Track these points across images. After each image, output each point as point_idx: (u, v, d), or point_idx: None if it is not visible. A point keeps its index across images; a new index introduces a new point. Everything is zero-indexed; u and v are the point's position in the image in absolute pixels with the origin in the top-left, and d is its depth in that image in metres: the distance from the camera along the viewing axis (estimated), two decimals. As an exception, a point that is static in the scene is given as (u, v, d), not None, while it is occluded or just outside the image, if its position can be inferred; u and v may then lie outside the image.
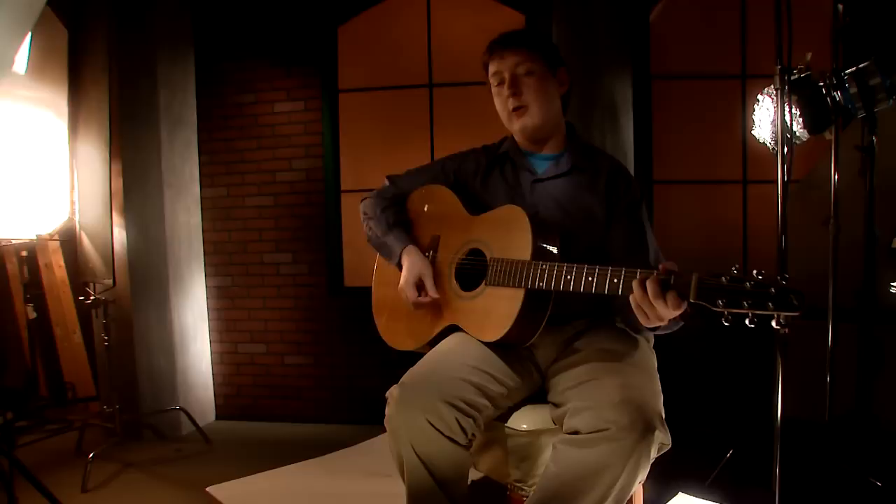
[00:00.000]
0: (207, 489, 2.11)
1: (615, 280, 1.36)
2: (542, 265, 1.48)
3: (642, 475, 1.37)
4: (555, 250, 1.57)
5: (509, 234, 1.60)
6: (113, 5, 3.39)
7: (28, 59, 3.25)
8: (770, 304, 1.16)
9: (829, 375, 2.70)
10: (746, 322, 1.21)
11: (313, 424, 3.81)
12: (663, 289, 1.26)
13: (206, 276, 4.02)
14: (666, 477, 2.06)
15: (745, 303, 1.18)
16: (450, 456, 1.46)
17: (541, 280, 1.48)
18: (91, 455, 3.07)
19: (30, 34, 1.95)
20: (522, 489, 1.56)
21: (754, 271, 1.21)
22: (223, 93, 3.92)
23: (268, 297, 3.96)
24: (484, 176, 1.83)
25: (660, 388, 1.53)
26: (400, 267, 1.76)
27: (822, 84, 2.31)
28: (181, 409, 3.64)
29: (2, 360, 3.74)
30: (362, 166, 3.89)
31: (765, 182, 3.63)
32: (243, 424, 3.92)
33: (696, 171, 3.71)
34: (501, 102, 1.75)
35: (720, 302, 1.20)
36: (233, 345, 4.02)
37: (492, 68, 1.76)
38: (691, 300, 1.25)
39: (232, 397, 4.03)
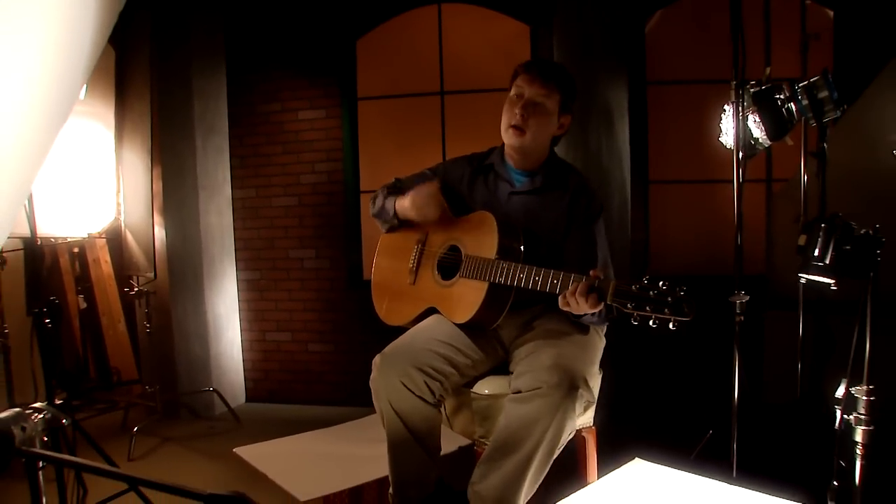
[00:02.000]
0: (234, 450, 2.50)
1: (555, 281, 1.72)
2: (502, 264, 1.84)
3: (570, 425, 1.72)
4: (519, 250, 1.92)
5: (481, 236, 1.96)
6: (154, 26, 3.82)
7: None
8: (666, 310, 1.51)
9: (800, 363, 3.01)
10: (650, 323, 1.55)
11: (334, 406, 4.19)
12: (588, 291, 1.62)
13: (236, 270, 4.44)
14: (642, 452, 2.37)
15: (647, 307, 1.53)
16: (420, 412, 1.83)
17: (500, 276, 1.84)
18: (135, 429, 3.53)
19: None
20: (485, 444, 1.92)
21: (660, 282, 1.55)
22: (252, 102, 4.33)
23: (293, 289, 4.37)
24: (469, 182, 2.16)
25: (592, 359, 1.88)
26: (397, 219, 2.15)
27: (778, 96, 2.60)
28: (214, 390, 4.08)
29: (59, 346, 4.21)
30: (379, 169, 4.25)
31: (757, 181, 3.91)
32: (270, 406, 4.35)
33: (691, 171, 3.99)
34: (509, 112, 2.02)
35: (629, 305, 1.55)
36: (261, 333, 4.45)
37: (520, 82, 2.02)
38: (607, 301, 1.60)
39: (260, 381, 4.46)
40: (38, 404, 1.13)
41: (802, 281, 1.97)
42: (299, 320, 4.38)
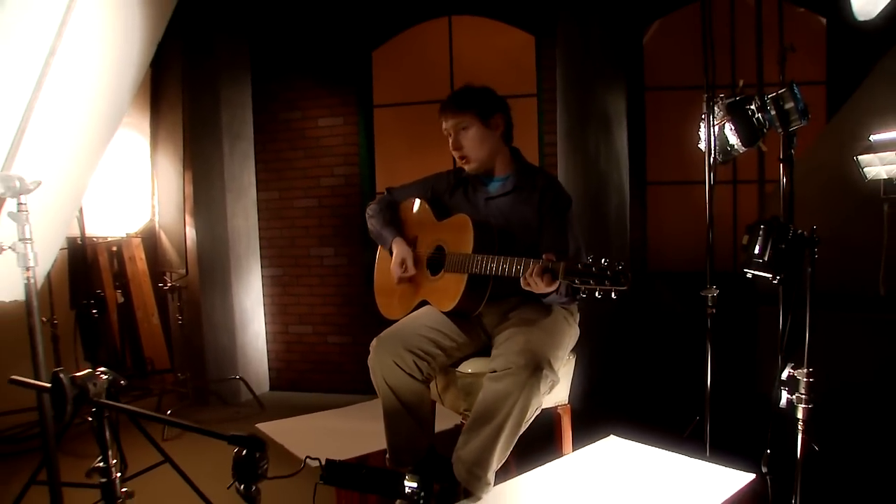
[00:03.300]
0: (256, 425, 2.90)
1: (518, 266, 2.05)
2: (476, 257, 2.19)
3: (536, 401, 2.04)
4: (493, 246, 2.26)
5: (459, 236, 2.31)
6: (184, 44, 4.24)
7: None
8: (607, 282, 1.84)
9: (780, 355, 3.30)
10: (596, 294, 1.88)
11: (352, 395, 4.52)
12: (543, 272, 1.96)
13: (261, 266, 4.84)
14: (633, 435, 2.65)
15: (591, 281, 1.86)
16: (410, 387, 2.19)
17: (475, 267, 2.19)
18: (168, 413, 3.95)
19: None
20: (468, 416, 2.27)
21: (602, 259, 1.88)
22: (274, 110, 4.72)
23: (313, 285, 4.76)
24: (451, 193, 2.51)
25: (558, 344, 2.19)
26: (391, 251, 2.50)
27: (748, 107, 2.90)
28: (241, 378, 4.48)
29: (101, 335, 4.64)
30: (394, 172, 4.60)
31: (750, 182, 4.19)
32: (292, 394, 4.74)
33: (688, 172, 4.26)
34: (450, 149, 2.41)
35: (577, 281, 1.88)
36: (284, 326, 4.84)
37: (443, 125, 2.41)
38: (560, 279, 1.94)
39: (283, 371, 4.86)
40: (102, 368, 1.51)
41: (749, 276, 2.27)
42: (319, 314, 4.76)
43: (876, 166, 2.87)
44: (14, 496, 2.70)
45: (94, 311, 3.00)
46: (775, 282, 2.21)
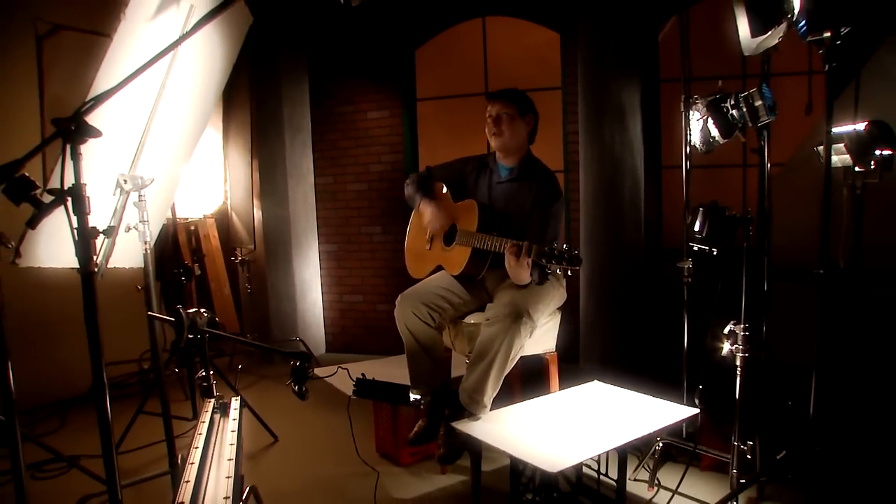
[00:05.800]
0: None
1: (504, 245, 2.77)
2: (477, 235, 2.93)
3: (518, 342, 2.74)
4: (494, 225, 3.00)
5: (468, 216, 3.05)
6: (252, 56, 5.06)
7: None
8: (564, 262, 2.55)
9: (766, 325, 3.92)
10: (558, 271, 2.60)
11: (398, 356, 5.28)
12: (518, 253, 2.68)
13: (318, 243, 5.65)
14: (644, 387, 3.29)
15: (553, 261, 2.57)
16: (425, 332, 2.96)
17: (476, 242, 2.93)
18: (239, 367, 4.85)
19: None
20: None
21: (563, 245, 2.58)
22: (329, 104, 5.50)
23: (364, 259, 5.56)
24: (476, 175, 3.24)
25: (539, 299, 2.88)
26: (418, 209, 3.27)
27: (724, 105, 3.52)
28: (300, 340, 5.34)
29: (186, 300, 5.57)
30: (435, 159, 5.14)
31: (756, 166, 4.76)
32: (345, 356, 5.55)
33: (701, 157, 4.84)
34: (488, 127, 3.13)
35: (543, 260, 2.60)
36: (338, 295, 5.67)
37: (489, 107, 3.15)
38: (532, 259, 2.65)
39: (337, 335, 5.69)
40: (203, 309, 2.34)
41: (695, 249, 2.91)
42: (369, 284, 5.55)
43: (832, 156, 3.44)
44: (119, 432, 3.55)
45: (183, 278, 3.88)
46: (714, 253, 2.88)
